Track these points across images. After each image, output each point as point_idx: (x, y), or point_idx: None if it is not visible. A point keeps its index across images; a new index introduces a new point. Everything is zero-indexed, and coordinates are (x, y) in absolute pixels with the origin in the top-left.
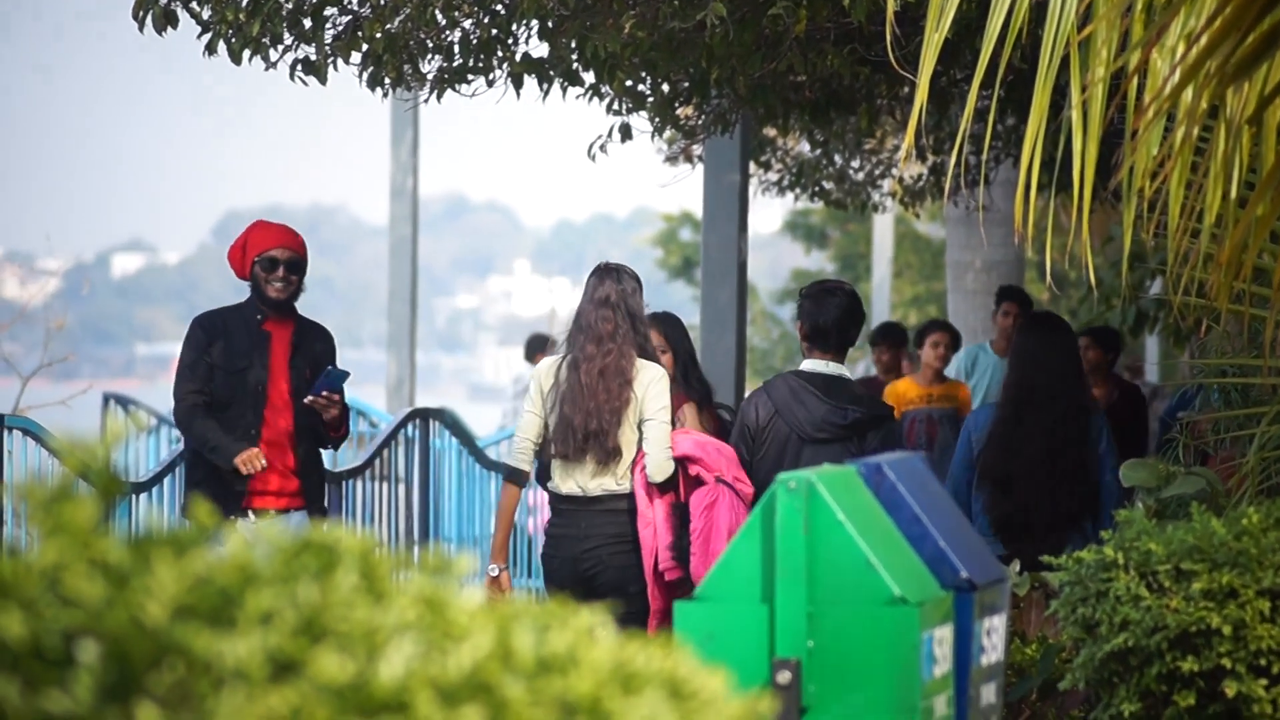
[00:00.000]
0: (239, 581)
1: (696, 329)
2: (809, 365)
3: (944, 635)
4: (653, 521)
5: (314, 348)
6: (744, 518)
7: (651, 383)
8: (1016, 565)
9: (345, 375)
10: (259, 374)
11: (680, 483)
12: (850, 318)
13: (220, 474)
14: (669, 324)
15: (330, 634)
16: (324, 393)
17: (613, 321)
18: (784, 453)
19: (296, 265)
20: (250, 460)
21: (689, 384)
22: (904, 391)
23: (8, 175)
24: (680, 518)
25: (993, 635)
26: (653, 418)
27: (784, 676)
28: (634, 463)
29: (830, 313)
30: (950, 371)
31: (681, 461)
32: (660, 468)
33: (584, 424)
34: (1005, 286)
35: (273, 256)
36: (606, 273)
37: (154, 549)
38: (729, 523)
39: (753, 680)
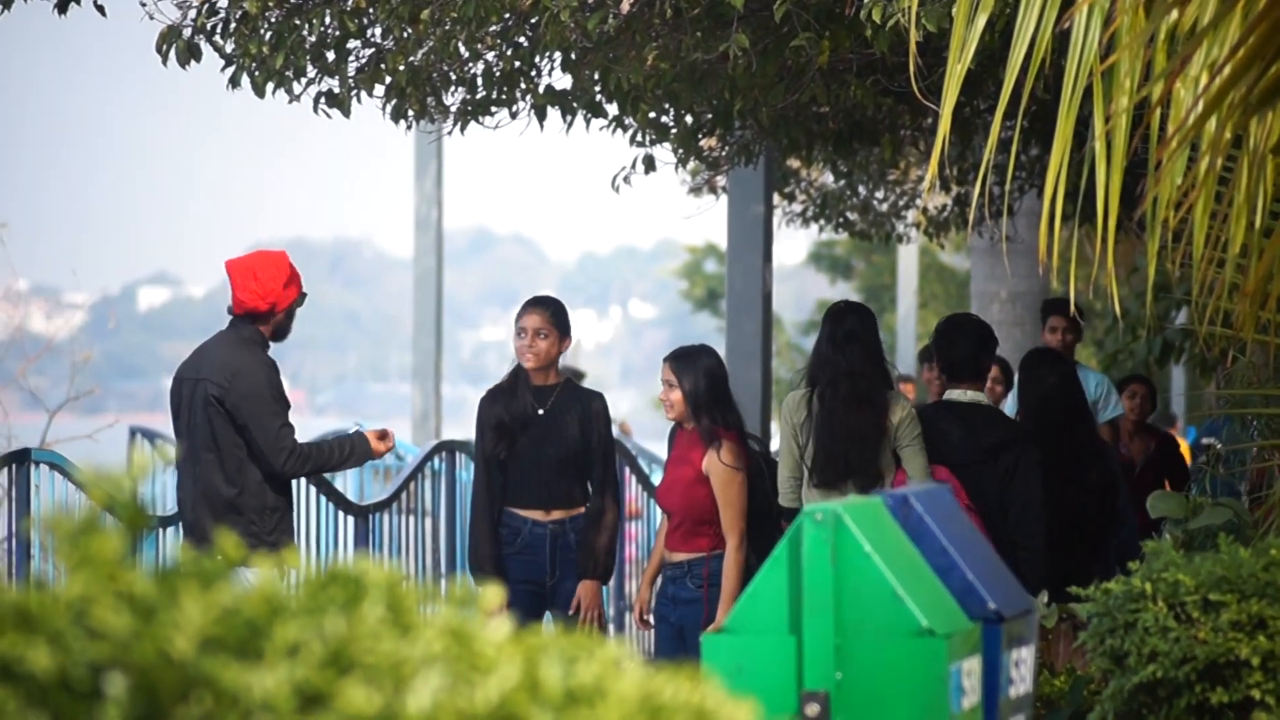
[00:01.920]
0: (266, 613)
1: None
2: (950, 395)
3: (972, 667)
4: None
5: None
6: None
7: (905, 413)
8: (1044, 596)
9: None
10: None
11: None
12: (982, 347)
13: (287, 490)
14: (677, 360)
15: (357, 666)
16: None
17: (861, 356)
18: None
19: None
20: (389, 440)
21: (698, 420)
22: None
23: (34, 209)
24: None
25: (1021, 667)
26: (911, 444)
27: (813, 709)
28: None
29: (964, 346)
30: (1010, 399)
31: None
32: None
33: (845, 451)
34: (1050, 300)
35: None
36: (848, 310)
37: (180, 581)
38: None
39: (781, 712)
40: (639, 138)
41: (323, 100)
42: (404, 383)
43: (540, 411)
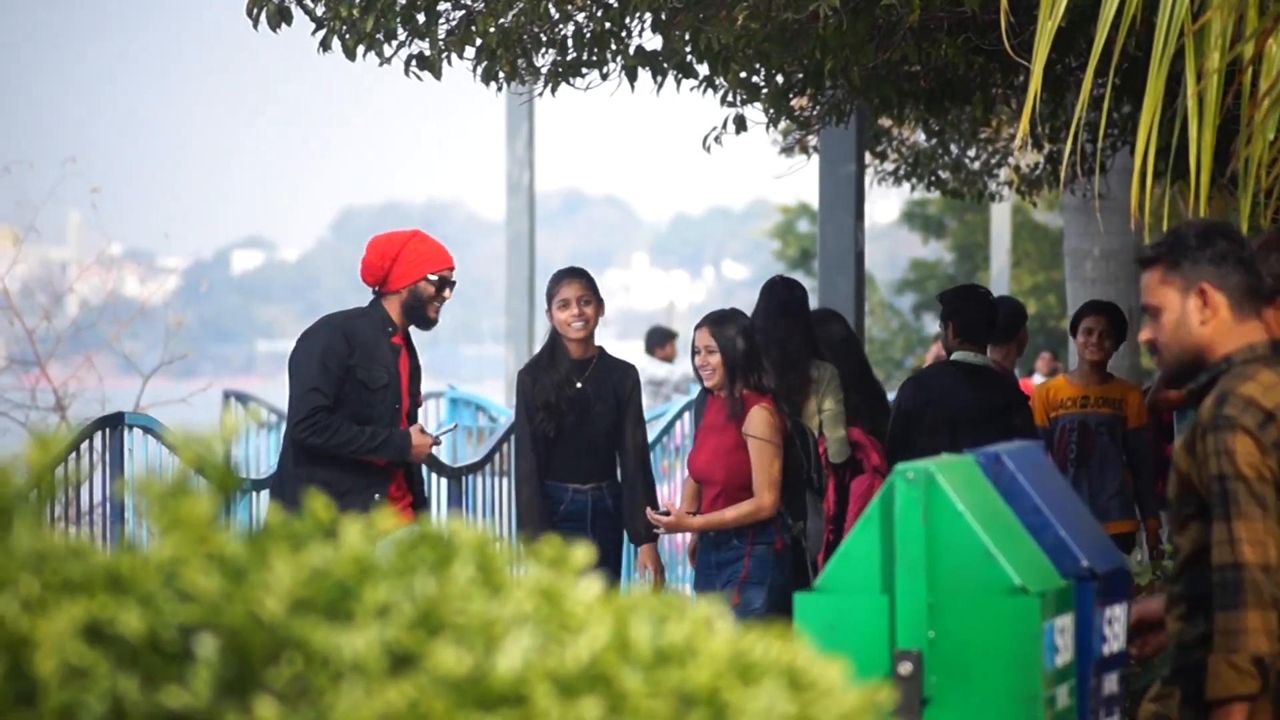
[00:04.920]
0: (356, 575)
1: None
2: (960, 356)
3: (1065, 625)
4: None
5: (419, 370)
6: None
7: (826, 374)
8: (1138, 554)
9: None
10: (395, 393)
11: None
12: (993, 313)
13: (357, 469)
14: (716, 325)
15: (448, 626)
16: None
17: (790, 325)
18: (938, 434)
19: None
20: (425, 446)
21: (735, 384)
22: (1055, 393)
23: (127, 175)
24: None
25: (1114, 625)
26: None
27: (905, 668)
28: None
29: (974, 311)
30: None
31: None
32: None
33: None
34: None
35: (446, 277)
36: (781, 283)
37: (270, 543)
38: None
39: (873, 671)
40: (730, 98)
41: (413, 63)
42: (497, 345)
43: (579, 385)
